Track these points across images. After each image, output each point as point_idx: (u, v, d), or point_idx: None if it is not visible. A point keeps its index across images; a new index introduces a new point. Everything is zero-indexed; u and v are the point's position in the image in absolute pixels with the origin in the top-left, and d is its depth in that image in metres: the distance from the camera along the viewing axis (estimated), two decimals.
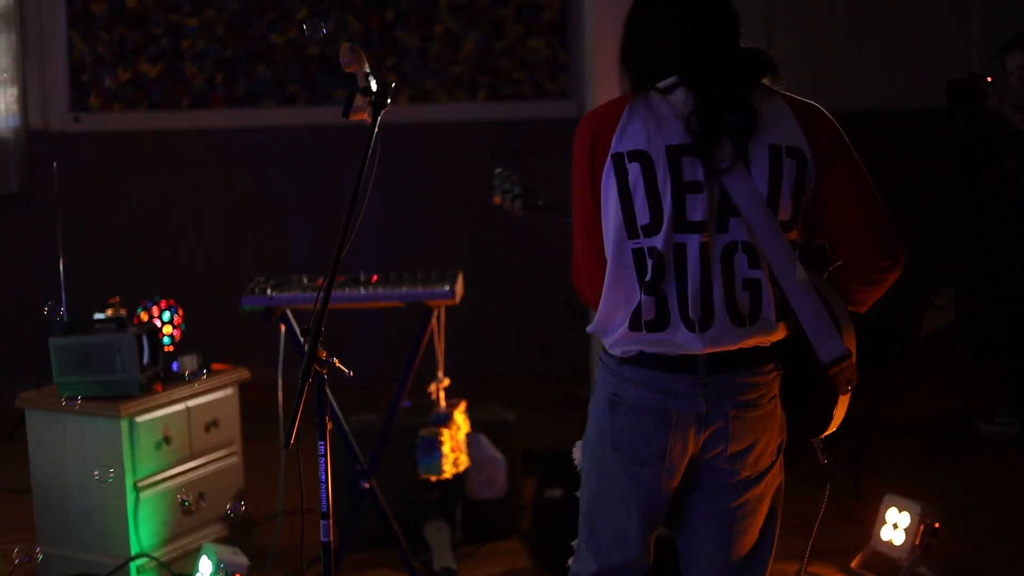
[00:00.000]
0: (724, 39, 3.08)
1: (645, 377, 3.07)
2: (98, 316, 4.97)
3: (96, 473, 4.66)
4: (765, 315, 3.02)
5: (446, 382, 4.70)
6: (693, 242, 2.98)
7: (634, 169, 2.98)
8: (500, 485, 5.61)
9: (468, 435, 5.18)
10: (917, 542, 5.06)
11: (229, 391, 5.37)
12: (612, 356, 3.15)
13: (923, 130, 8.56)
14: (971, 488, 6.28)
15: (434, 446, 5.08)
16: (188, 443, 5.12)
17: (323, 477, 3.68)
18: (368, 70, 3.73)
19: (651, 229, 2.99)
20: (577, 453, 3.36)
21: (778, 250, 2.98)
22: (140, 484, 4.87)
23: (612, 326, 3.10)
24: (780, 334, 3.07)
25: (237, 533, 5.28)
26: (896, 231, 3.09)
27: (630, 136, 3.00)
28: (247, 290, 4.63)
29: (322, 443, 3.69)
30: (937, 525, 5.08)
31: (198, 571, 4.78)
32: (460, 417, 4.73)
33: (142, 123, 8.70)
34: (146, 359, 4.86)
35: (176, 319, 5.30)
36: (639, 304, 3.01)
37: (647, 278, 3.00)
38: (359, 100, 3.75)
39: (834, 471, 6.47)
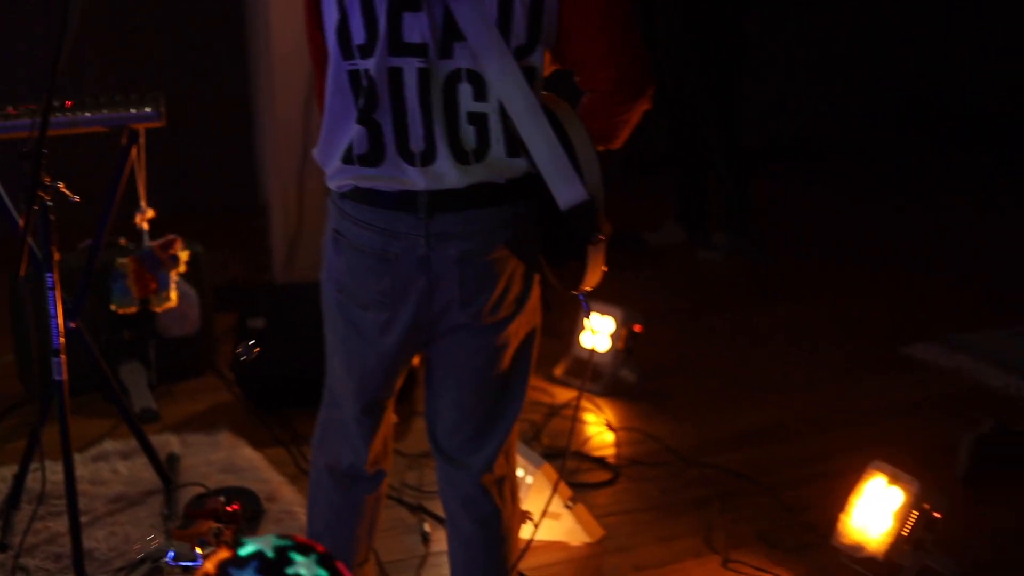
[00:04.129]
0: None
1: (366, 215, 2.78)
2: None
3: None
4: (494, 152, 2.73)
5: (151, 213, 4.49)
6: (411, 67, 2.65)
7: None
8: (192, 320, 5.45)
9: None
10: (620, 347, 5.20)
11: None
12: (332, 190, 2.87)
13: None
14: (644, 295, 6.39)
15: (118, 278, 4.93)
16: None
17: (52, 311, 3.48)
18: None
19: (366, 50, 2.65)
20: None
21: (508, 80, 2.64)
22: None
23: (329, 157, 2.79)
24: (517, 171, 2.78)
25: None
26: (645, 64, 2.81)
27: None
28: None
29: (50, 275, 3.48)
30: (638, 328, 5.23)
31: None
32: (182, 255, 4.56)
33: None
34: None
35: None
36: (351, 135, 2.72)
37: (359, 104, 2.70)
38: None
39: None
